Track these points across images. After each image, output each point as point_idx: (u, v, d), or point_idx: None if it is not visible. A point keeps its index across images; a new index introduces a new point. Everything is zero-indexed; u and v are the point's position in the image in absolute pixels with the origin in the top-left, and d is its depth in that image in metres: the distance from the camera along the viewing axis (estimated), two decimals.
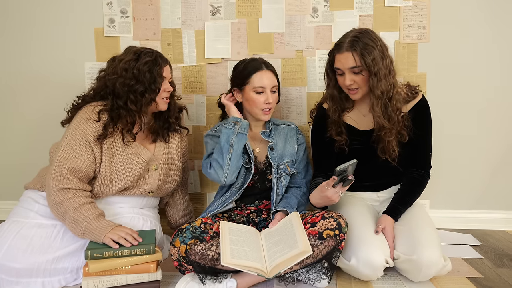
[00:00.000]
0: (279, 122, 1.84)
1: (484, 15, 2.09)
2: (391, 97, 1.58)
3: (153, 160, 1.72)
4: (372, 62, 1.53)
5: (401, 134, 1.64)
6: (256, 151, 1.76)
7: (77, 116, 1.61)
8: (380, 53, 1.55)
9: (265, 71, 1.69)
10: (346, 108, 1.74)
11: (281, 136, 1.79)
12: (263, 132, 1.76)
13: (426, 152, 1.73)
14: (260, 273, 1.34)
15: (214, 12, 2.17)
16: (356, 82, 1.60)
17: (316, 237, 1.46)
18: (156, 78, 1.61)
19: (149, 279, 1.43)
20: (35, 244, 1.49)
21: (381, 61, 1.55)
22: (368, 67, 1.54)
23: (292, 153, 1.77)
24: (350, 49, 1.56)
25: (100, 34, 2.21)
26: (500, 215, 2.19)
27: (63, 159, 1.53)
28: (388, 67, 1.57)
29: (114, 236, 1.43)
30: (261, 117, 1.71)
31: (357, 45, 1.54)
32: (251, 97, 1.69)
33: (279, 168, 1.73)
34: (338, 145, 1.72)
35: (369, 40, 1.55)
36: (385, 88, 1.56)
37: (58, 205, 1.48)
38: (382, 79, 1.55)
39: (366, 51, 1.53)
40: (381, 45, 1.58)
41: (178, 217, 1.93)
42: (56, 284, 1.50)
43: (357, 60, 1.55)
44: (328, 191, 1.46)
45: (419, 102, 1.68)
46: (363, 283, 1.56)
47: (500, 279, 1.59)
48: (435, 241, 1.52)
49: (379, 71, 1.54)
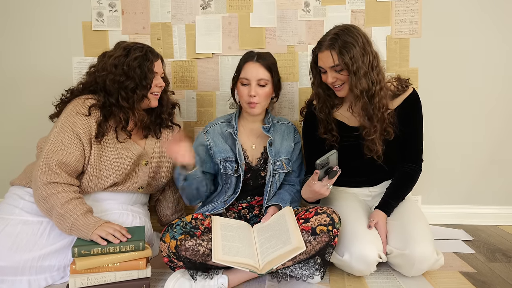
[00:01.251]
0: (276, 119, 1.82)
1: (476, 10, 2.09)
2: (373, 94, 1.55)
3: (143, 156, 1.69)
4: (351, 60, 1.51)
5: (386, 132, 1.62)
6: (252, 148, 1.74)
7: (67, 109, 1.57)
8: (360, 50, 1.52)
9: (253, 63, 1.65)
10: (335, 104, 1.72)
11: (278, 133, 1.76)
12: (264, 126, 1.73)
13: (417, 146, 1.71)
14: (253, 269, 1.32)
15: (204, 6, 2.14)
16: (339, 79, 1.59)
17: (309, 233, 1.44)
18: (146, 73, 1.58)
19: (139, 276, 1.40)
20: (21, 242, 1.45)
21: (361, 58, 1.52)
22: (346, 66, 1.52)
23: (288, 150, 1.75)
24: (329, 48, 1.54)
25: (88, 28, 2.16)
26: (492, 210, 2.20)
27: (52, 152, 1.49)
28: (370, 63, 1.54)
29: (102, 233, 1.39)
30: (247, 110, 1.68)
31: (336, 44, 1.52)
32: (238, 88, 1.68)
33: (275, 165, 1.70)
34: (328, 143, 1.70)
35: (349, 37, 1.52)
36: (365, 86, 1.53)
37: (45, 199, 1.44)
38: (361, 78, 1.52)
39: (345, 49, 1.51)
40: (363, 41, 1.54)
41: (168, 214, 1.91)
42: (42, 283, 1.47)
43: (335, 59, 1.53)
44: (314, 185, 1.45)
45: (410, 95, 1.67)
46: (356, 278, 1.55)
47: (493, 273, 1.59)
48: (428, 236, 1.51)
49: (358, 70, 1.52)
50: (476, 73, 2.13)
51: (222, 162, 1.69)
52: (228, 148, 1.70)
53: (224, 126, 1.74)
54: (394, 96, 1.66)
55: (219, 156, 1.69)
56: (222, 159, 1.69)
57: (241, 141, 1.72)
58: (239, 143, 1.70)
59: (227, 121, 1.76)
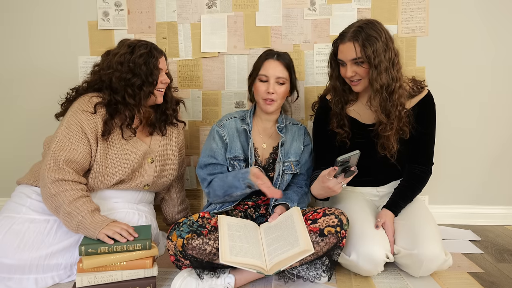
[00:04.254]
0: (288, 120, 1.81)
1: (483, 8, 2.08)
2: (392, 91, 1.54)
3: (149, 153, 1.69)
4: (373, 54, 1.50)
5: (402, 131, 1.61)
6: (263, 147, 1.73)
7: (73, 107, 1.58)
8: (383, 45, 1.51)
9: (273, 61, 1.65)
10: (349, 100, 1.71)
11: (289, 133, 1.76)
12: (278, 126, 1.72)
13: (429, 148, 1.70)
14: (260, 270, 1.31)
15: (210, 5, 2.13)
16: (358, 74, 1.57)
17: (317, 234, 1.43)
18: (152, 70, 1.58)
19: (145, 275, 1.40)
20: (28, 240, 1.45)
21: (384, 54, 1.51)
22: (368, 59, 1.51)
23: (297, 152, 1.74)
24: (352, 40, 1.52)
25: (94, 28, 2.16)
26: (500, 211, 2.18)
27: (59, 149, 1.49)
28: (391, 60, 1.53)
29: (109, 232, 1.39)
30: (262, 107, 1.67)
31: (360, 36, 1.51)
32: (255, 85, 1.67)
33: (283, 165, 1.69)
34: (339, 138, 1.69)
35: (373, 31, 1.51)
36: (385, 81, 1.52)
37: (53, 197, 1.44)
38: (382, 72, 1.51)
39: (368, 42, 1.50)
40: (386, 37, 1.53)
41: (174, 213, 1.90)
42: (49, 281, 1.47)
43: (358, 51, 1.52)
44: (329, 181, 1.42)
45: (425, 97, 1.65)
46: (363, 278, 1.54)
47: (502, 273, 1.57)
48: (436, 236, 1.50)
49: (380, 64, 1.51)
50: (484, 72, 2.12)
51: (231, 160, 1.67)
52: (239, 146, 1.68)
53: (238, 122, 1.73)
54: (410, 96, 1.64)
55: (230, 154, 1.68)
56: (231, 157, 1.67)
57: (253, 139, 1.71)
58: (252, 141, 1.69)
59: (242, 117, 1.75)
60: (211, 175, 1.67)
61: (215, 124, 1.74)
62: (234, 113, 1.79)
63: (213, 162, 1.68)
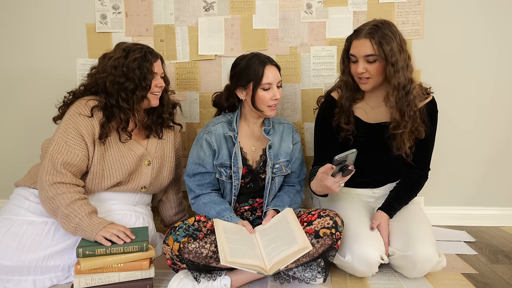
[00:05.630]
0: (275, 120, 1.79)
1: (479, 10, 2.09)
2: (408, 91, 1.55)
3: (145, 156, 1.70)
4: (390, 52, 1.51)
5: (418, 131, 1.61)
6: (252, 150, 1.72)
7: (70, 110, 1.59)
8: (398, 46, 1.52)
9: (271, 66, 1.62)
10: (356, 98, 1.71)
11: (277, 134, 1.74)
12: (265, 129, 1.70)
13: (428, 154, 1.71)
14: (260, 270, 1.32)
15: (207, 8, 2.15)
16: (368, 72, 1.57)
17: (312, 236, 1.45)
18: (146, 74, 1.59)
19: (142, 277, 1.41)
20: (26, 242, 1.46)
21: (399, 54, 1.52)
22: (385, 56, 1.51)
23: (287, 152, 1.74)
24: (368, 36, 1.53)
25: (92, 30, 2.18)
26: (494, 212, 2.20)
27: (56, 152, 1.51)
28: (405, 61, 1.54)
29: (106, 234, 1.40)
30: (268, 113, 1.64)
31: (376, 34, 1.52)
32: (258, 94, 1.60)
33: (274, 168, 1.69)
34: (344, 135, 1.69)
35: (388, 31, 1.53)
36: (403, 80, 1.53)
37: (51, 200, 1.46)
38: (399, 70, 1.52)
39: (385, 41, 1.51)
40: (400, 39, 1.55)
41: (171, 215, 1.92)
42: (47, 282, 1.48)
43: (375, 48, 1.52)
44: (327, 180, 1.43)
45: (429, 103, 1.66)
46: (358, 279, 1.55)
47: (495, 275, 1.59)
48: (430, 237, 1.51)
49: (397, 62, 1.52)
50: (478, 74, 2.13)
51: (218, 167, 1.66)
52: (227, 153, 1.67)
53: (225, 127, 1.69)
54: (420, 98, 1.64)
55: (217, 161, 1.66)
56: (218, 164, 1.66)
57: (241, 144, 1.70)
58: (239, 146, 1.67)
59: (229, 121, 1.71)
60: (199, 187, 1.68)
61: (202, 130, 1.70)
62: (221, 116, 1.75)
63: (202, 171, 1.67)
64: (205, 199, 1.65)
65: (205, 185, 1.68)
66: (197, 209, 1.66)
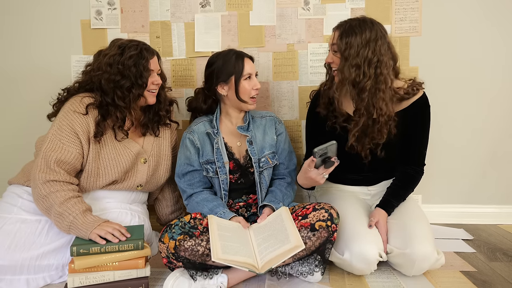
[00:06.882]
0: (257, 114, 1.80)
1: (476, 8, 2.08)
2: (362, 89, 1.53)
3: (141, 154, 1.68)
4: (346, 45, 1.52)
5: (380, 132, 1.59)
6: (237, 145, 1.72)
7: (64, 108, 1.56)
8: (362, 41, 1.50)
9: (247, 59, 1.69)
10: None
11: (259, 128, 1.75)
12: (240, 126, 1.71)
13: (421, 149, 1.69)
14: (252, 268, 1.31)
15: (204, 4, 2.13)
16: (334, 62, 1.60)
17: (308, 229, 1.44)
18: (142, 72, 1.57)
19: (138, 275, 1.39)
20: (19, 240, 1.44)
21: (357, 49, 1.50)
22: (338, 48, 1.54)
23: (272, 144, 1.74)
24: (336, 28, 1.59)
25: (87, 26, 2.15)
26: (492, 210, 2.20)
27: (50, 150, 1.48)
28: (367, 59, 1.51)
29: (101, 232, 1.38)
30: (250, 106, 1.69)
31: (343, 26, 1.55)
32: (242, 85, 1.65)
33: (260, 162, 1.69)
34: (331, 124, 1.68)
35: (358, 27, 1.52)
36: (350, 76, 1.52)
37: (44, 198, 1.43)
38: (351, 67, 1.52)
39: (346, 33, 1.52)
40: (370, 36, 1.51)
41: (167, 213, 1.90)
42: (40, 282, 1.46)
43: (334, 38, 1.57)
44: (310, 172, 1.45)
45: (419, 99, 1.64)
46: (356, 277, 1.54)
47: (494, 272, 1.58)
48: (429, 235, 1.50)
49: (349, 57, 1.52)
50: (476, 72, 2.12)
51: (204, 164, 1.68)
52: (210, 149, 1.69)
53: (207, 125, 1.73)
54: (402, 99, 1.62)
55: (202, 158, 1.68)
56: (203, 161, 1.68)
57: (226, 139, 1.71)
58: (222, 142, 1.69)
59: (210, 120, 1.74)
60: (190, 186, 1.69)
61: (185, 131, 1.74)
62: (203, 116, 1.78)
63: (190, 170, 1.69)
64: (197, 198, 1.66)
65: (195, 183, 1.69)
66: (191, 209, 1.66)
